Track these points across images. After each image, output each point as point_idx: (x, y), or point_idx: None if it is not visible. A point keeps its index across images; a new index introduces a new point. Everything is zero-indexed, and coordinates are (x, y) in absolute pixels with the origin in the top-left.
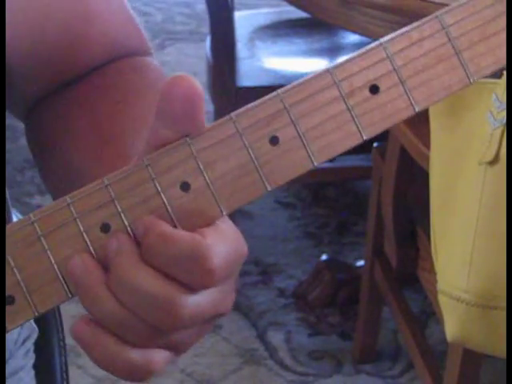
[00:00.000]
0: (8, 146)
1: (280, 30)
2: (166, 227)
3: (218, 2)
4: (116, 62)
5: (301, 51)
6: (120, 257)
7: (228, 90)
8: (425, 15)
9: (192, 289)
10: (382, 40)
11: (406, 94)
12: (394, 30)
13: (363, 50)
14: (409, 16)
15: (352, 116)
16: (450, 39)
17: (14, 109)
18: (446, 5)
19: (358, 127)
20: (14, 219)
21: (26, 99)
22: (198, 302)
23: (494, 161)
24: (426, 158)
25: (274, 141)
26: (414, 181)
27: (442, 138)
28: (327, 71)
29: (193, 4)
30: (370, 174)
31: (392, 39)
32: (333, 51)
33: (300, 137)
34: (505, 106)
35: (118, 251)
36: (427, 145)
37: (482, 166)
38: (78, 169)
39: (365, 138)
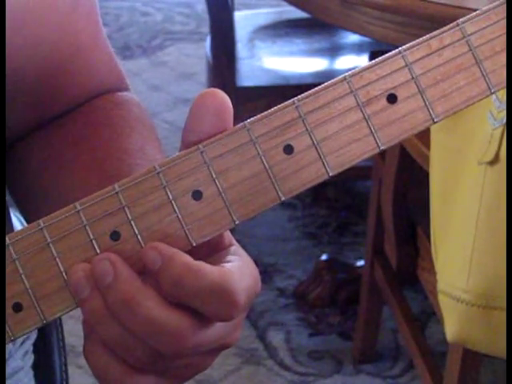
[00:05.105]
0: None
1: (280, 29)
2: (189, 259)
3: (217, 2)
4: (98, 99)
5: (301, 51)
6: (120, 283)
7: (228, 89)
8: (424, 15)
9: (206, 320)
10: (401, 48)
11: (425, 103)
12: (394, 30)
13: (381, 58)
14: (408, 16)
15: (369, 125)
16: (470, 48)
17: None
18: (445, 4)
19: (374, 137)
20: (14, 219)
21: (8, 134)
22: (206, 333)
23: (493, 161)
24: (426, 158)
25: (288, 150)
26: (414, 181)
27: (441, 138)
28: (344, 79)
29: (193, 4)
30: (370, 173)
31: (411, 47)
32: (333, 51)
33: (315, 146)
34: (505, 105)
35: (117, 277)
36: (427, 145)
37: (482, 165)
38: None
39: (382, 148)
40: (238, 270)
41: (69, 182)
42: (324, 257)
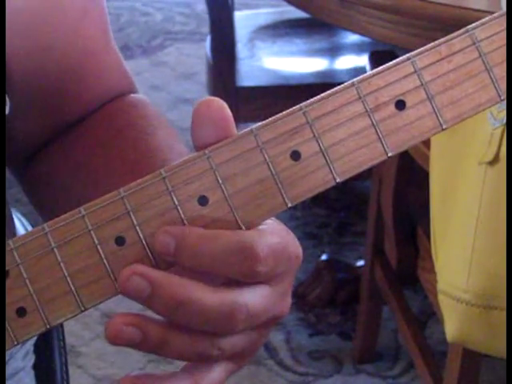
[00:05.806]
0: None
1: (280, 29)
2: (200, 229)
3: (217, 2)
4: (115, 102)
5: (301, 51)
6: (160, 288)
7: (228, 89)
8: (424, 15)
9: (240, 284)
10: (410, 54)
11: (434, 110)
12: (394, 30)
13: (390, 63)
14: (408, 16)
15: (377, 132)
16: (480, 55)
17: (11, 160)
18: (445, 4)
19: (382, 144)
20: (15, 219)
21: (26, 145)
22: (254, 300)
23: (493, 161)
24: (426, 158)
25: (295, 156)
26: (414, 181)
27: (442, 138)
28: (352, 85)
29: (193, 4)
30: (370, 173)
31: (420, 53)
32: (333, 51)
33: (323, 152)
34: (505, 105)
35: (154, 284)
36: (427, 145)
37: (482, 165)
38: None
39: (389, 154)
40: (257, 229)
41: (105, 186)
42: (324, 257)
